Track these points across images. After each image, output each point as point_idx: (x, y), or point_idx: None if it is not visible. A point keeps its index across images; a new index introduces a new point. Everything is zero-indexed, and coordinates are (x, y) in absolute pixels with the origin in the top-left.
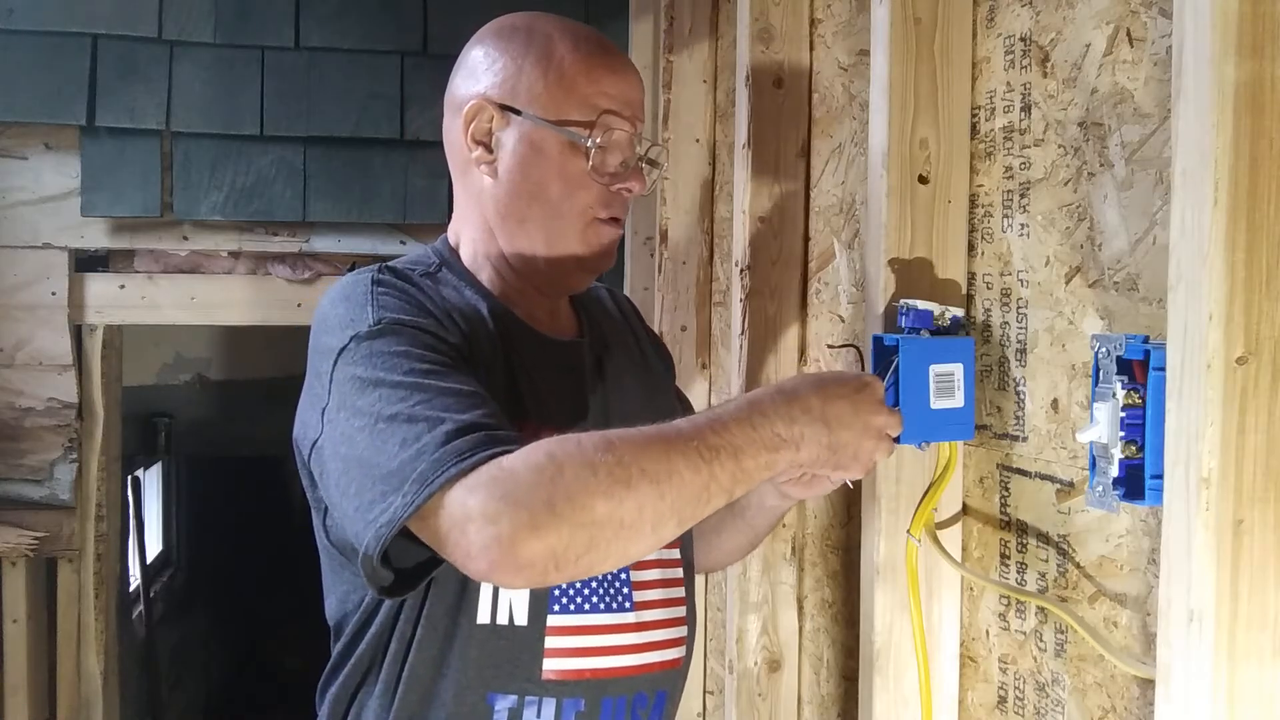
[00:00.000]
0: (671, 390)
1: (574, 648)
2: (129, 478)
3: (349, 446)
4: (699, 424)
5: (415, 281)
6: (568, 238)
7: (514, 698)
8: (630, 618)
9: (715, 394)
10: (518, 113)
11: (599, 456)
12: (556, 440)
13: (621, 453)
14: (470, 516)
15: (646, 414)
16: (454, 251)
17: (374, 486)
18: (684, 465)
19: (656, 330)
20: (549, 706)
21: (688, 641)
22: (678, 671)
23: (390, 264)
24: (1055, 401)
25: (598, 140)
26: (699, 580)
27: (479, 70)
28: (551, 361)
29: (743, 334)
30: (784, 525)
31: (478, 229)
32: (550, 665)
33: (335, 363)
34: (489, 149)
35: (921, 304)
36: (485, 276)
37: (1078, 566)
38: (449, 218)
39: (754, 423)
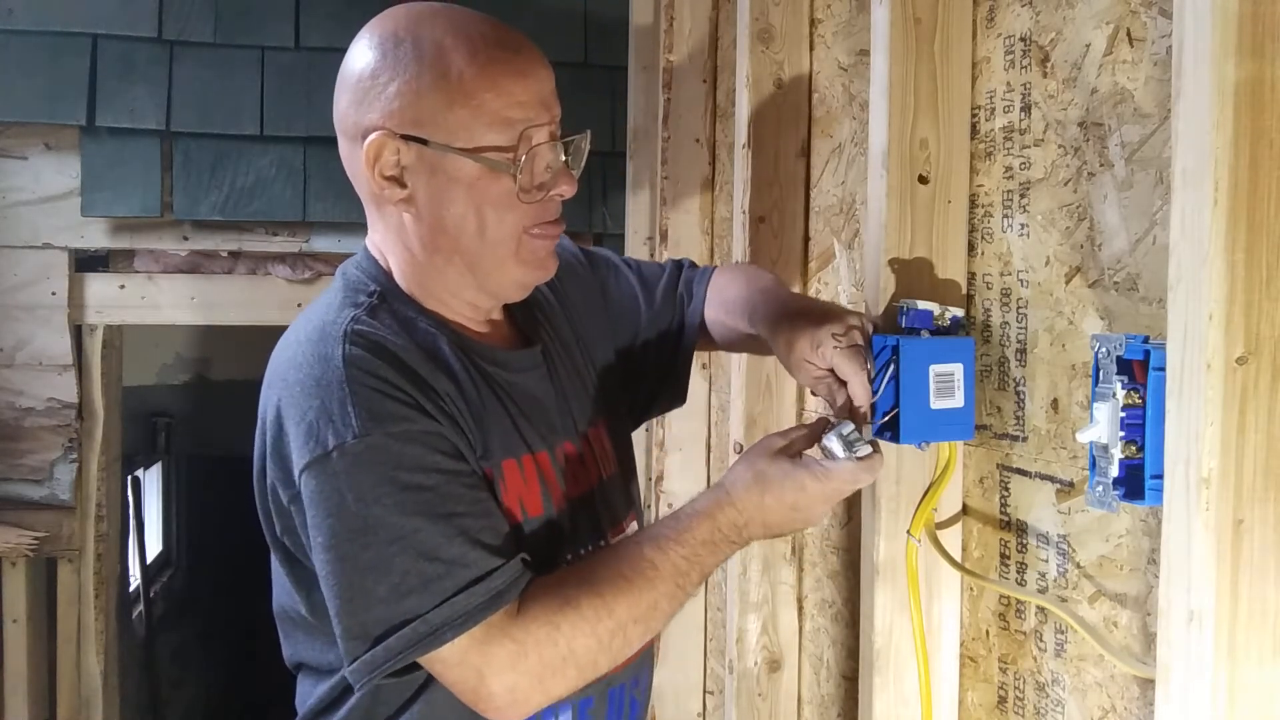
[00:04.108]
0: (600, 324)
1: None
2: (129, 478)
3: (326, 559)
4: (669, 547)
5: (389, 351)
6: (503, 260)
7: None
8: None
9: (715, 394)
10: (425, 143)
11: (601, 623)
12: (555, 607)
13: (617, 613)
14: (482, 684)
15: (594, 399)
16: (387, 274)
17: (351, 619)
18: (666, 601)
19: None
20: (566, 712)
21: None
22: (652, 647)
23: (355, 326)
24: (1055, 401)
25: (522, 160)
26: None
27: (369, 93)
28: (516, 379)
29: None
30: None
31: (403, 259)
32: None
33: (312, 466)
34: (401, 184)
35: (921, 304)
36: (429, 303)
37: (1078, 566)
38: None
39: (715, 539)
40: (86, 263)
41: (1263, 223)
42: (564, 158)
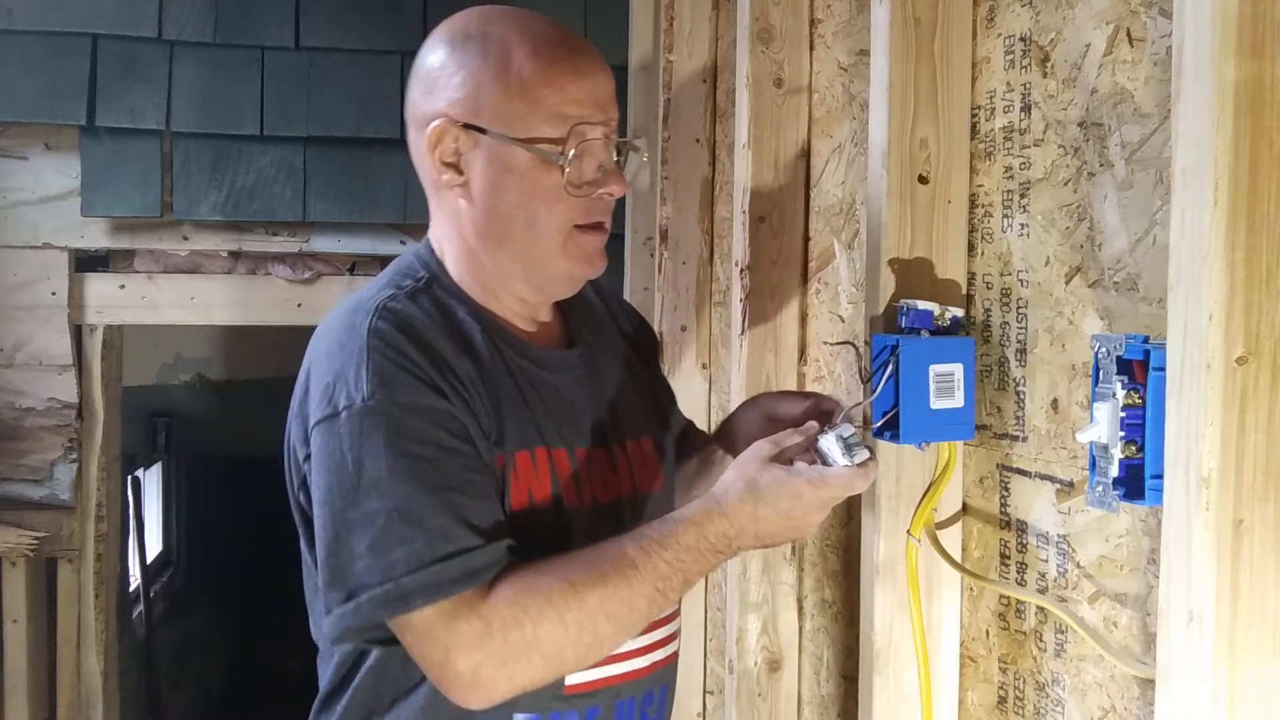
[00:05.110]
0: (654, 373)
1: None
2: (129, 478)
3: (319, 514)
4: (653, 550)
5: (416, 329)
6: (550, 253)
7: (539, 715)
8: None
9: (715, 393)
10: (484, 131)
11: (570, 612)
12: (525, 590)
13: (588, 603)
14: (448, 660)
15: (638, 415)
16: (440, 263)
17: (333, 572)
18: (643, 601)
19: (656, 330)
20: (571, 718)
21: (679, 633)
22: (674, 665)
23: (389, 300)
24: (1055, 401)
25: (571, 153)
26: None
27: (437, 84)
28: (548, 377)
29: (743, 334)
30: None
31: (458, 246)
32: (571, 680)
33: (321, 424)
34: (459, 170)
35: (921, 304)
36: (475, 293)
37: (1078, 566)
38: None
39: (701, 548)
40: (86, 263)
41: (1263, 223)
42: (616, 159)
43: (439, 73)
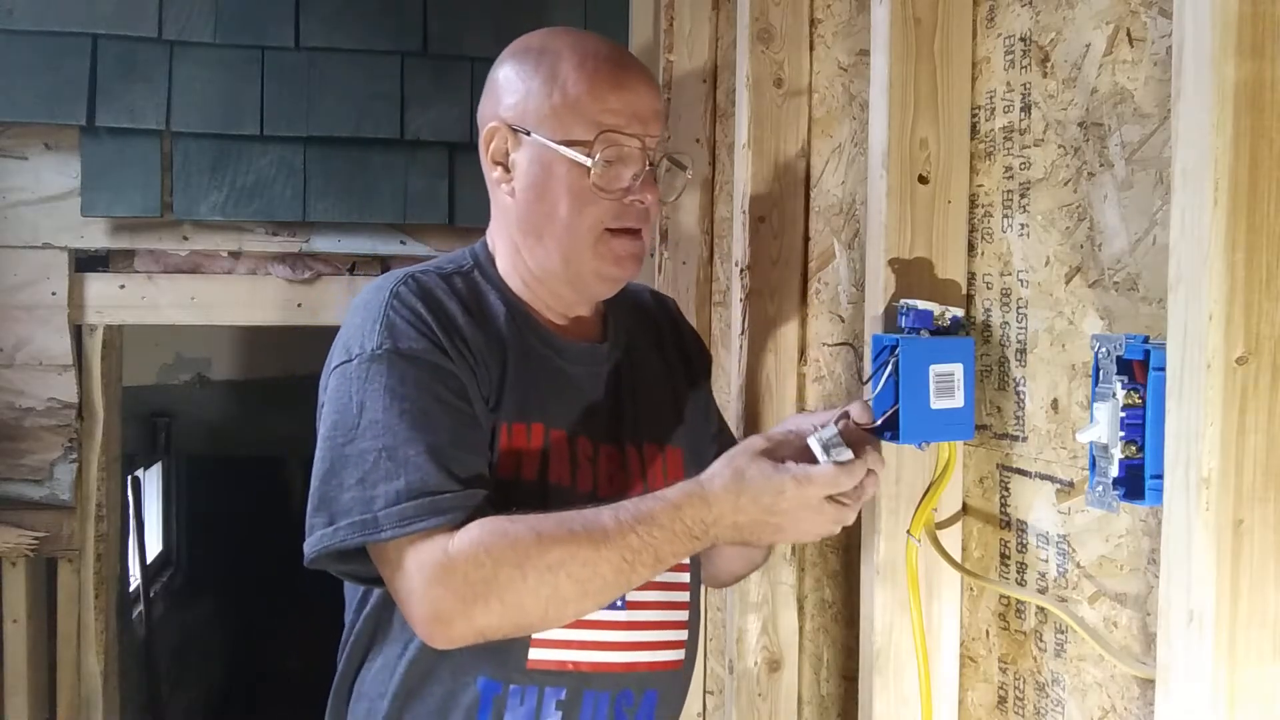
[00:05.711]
0: (703, 395)
1: (560, 640)
2: (129, 478)
3: (321, 448)
4: (628, 522)
5: (435, 295)
6: (582, 252)
7: (500, 684)
8: (621, 615)
9: (715, 394)
10: (528, 133)
11: (531, 561)
12: (491, 532)
13: (550, 556)
14: (413, 591)
15: (670, 424)
16: (490, 258)
17: (321, 499)
18: (608, 568)
19: None
20: (531, 694)
21: (687, 645)
22: (673, 674)
23: (419, 272)
24: (1055, 401)
25: (599, 157)
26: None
27: (498, 92)
28: (567, 367)
29: (743, 334)
30: None
31: (506, 241)
32: (535, 655)
33: (337, 368)
34: (506, 169)
35: (921, 304)
36: (515, 284)
37: (1078, 566)
38: (449, 218)
39: (675, 529)
40: (86, 263)
41: (1263, 223)
42: (653, 169)
43: (501, 82)
